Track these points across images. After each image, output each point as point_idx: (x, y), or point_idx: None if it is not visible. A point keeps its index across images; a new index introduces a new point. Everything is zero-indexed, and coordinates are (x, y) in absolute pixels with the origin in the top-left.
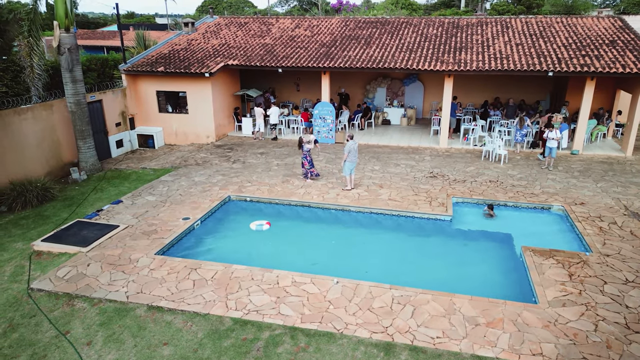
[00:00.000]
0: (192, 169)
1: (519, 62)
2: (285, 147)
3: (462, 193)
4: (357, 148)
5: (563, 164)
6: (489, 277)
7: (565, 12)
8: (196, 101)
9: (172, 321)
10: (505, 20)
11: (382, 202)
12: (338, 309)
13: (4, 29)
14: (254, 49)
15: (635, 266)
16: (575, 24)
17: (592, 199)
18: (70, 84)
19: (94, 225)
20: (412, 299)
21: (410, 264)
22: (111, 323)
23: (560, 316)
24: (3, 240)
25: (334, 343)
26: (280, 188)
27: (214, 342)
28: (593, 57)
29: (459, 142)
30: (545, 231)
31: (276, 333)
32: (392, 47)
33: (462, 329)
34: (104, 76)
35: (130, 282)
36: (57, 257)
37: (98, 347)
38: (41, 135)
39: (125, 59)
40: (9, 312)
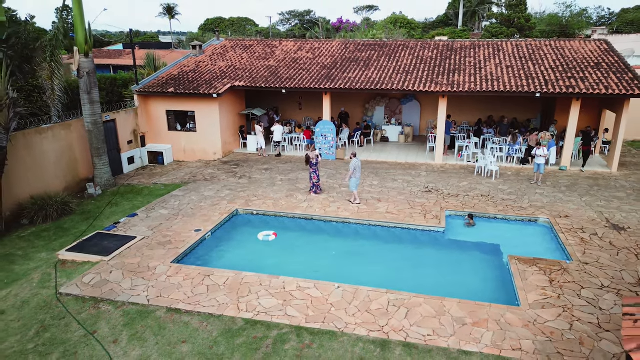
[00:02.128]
0: (201, 184)
1: (508, 83)
2: (288, 164)
3: (455, 206)
4: (360, 165)
5: (551, 180)
6: (477, 283)
7: (560, 31)
8: (204, 120)
9: (189, 322)
10: (497, 43)
11: (380, 215)
12: (339, 310)
13: (31, 55)
14: (259, 70)
15: (612, 273)
16: (563, 47)
17: (576, 212)
18: (88, 105)
19: (113, 236)
20: (406, 302)
21: (406, 271)
22: (134, 323)
23: (539, 317)
24: (28, 251)
25: (335, 340)
26: (285, 202)
27: (227, 340)
28: (578, 79)
29: (453, 158)
30: (531, 242)
31: (283, 332)
32: (390, 69)
33: (451, 328)
34: (112, 95)
35: (150, 287)
36: (81, 266)
37: (123, 345)
38: (60, 153)
39: (137, 80)
40: (40, 315)
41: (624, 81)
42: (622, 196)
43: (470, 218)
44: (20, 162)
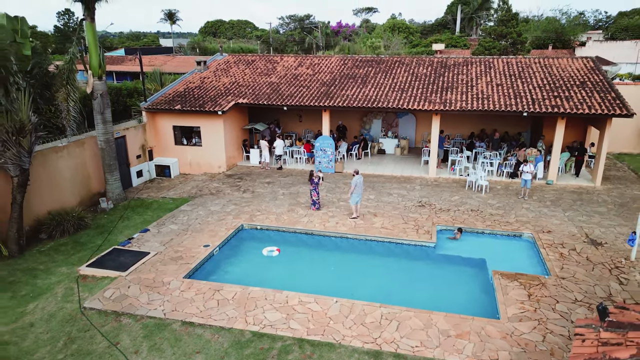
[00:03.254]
0: (208, 198)
1: (497, 102)
2: (289, 177)
3: (446, 221)
4: (362, 182)
5: (538, 194)
6: (463, 297)
7: (555, 37)
8: (209, 135)
9: (202, 334)
10: (489, 60)
11: (376, 230)
12: (337, 323)
13: (51, 82)
14: (261, 87)
15: (585, 288)
16: (551, 65)
17: (558, 227)
18: (101, 124)
19: (128, 252)
20: (397, 315)
21: (398, 285)
22: (153, 335)
23: (516, 329)
24: (49, 265)
25: (333, 351)
26: (287, 217)
27: (237, 351)
28: (564, 99)
29: (446, 171)
30: (515, 257)
31: (287, 343)
32: (386, 87)
33: (437, 339)
34: (117, 104)
35: (166, 302)
36: (101, 280)
37: (144, 355)
38: (74, 169)
39: (145, 97)
40: (66, 327)
41: (606, 100)
42: (603, 211)
43: (459, 232)
44: (38, 179)
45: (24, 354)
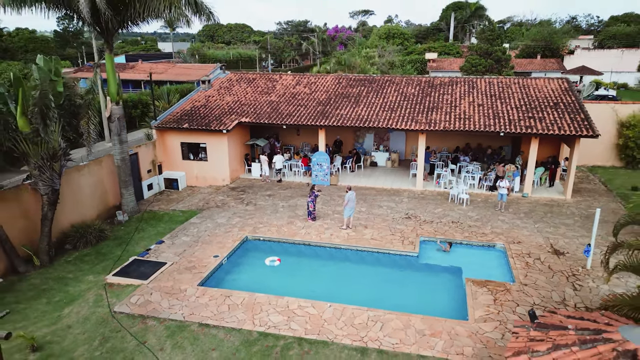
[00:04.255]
0: (214, 211)
1: (478, 122)
2: (288, 189)
3: (429, 233)
4: (355, 197)
5: (513, 206)
6: (439, 301)
7: (544, 45)
8: (214, 151)
9: (216, 334)
10: (472, 80)
11: (366, 241)
12: (330, 325)
13: (77, 111)
14: (262, 106)
15: (544, 293)
16: (528, 85)
17: (528, 238)
18: (118, 144)
19: (147, 262)
20: (381, 317)
21: (384, 290)
22: (175, 335)
23: (480, 329)
24: (77, 274)
25: (327, 348)
26: (286, 229)
27: (246, 348)
28: (537, 120)
29: (432, 184)
30: (487, 265)
31: (288, 341)
32: (377, 106)
33: (414, 338)
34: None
35: (184, 307)
36: (126, 288)
37: (168, 352)
38: (93, 185)
39: (156, 115)
40: (100, 329)
41: (575, 122)
42: (569, 223)
43: (449, 245)
44: (62, 195)
45: (66, 352)
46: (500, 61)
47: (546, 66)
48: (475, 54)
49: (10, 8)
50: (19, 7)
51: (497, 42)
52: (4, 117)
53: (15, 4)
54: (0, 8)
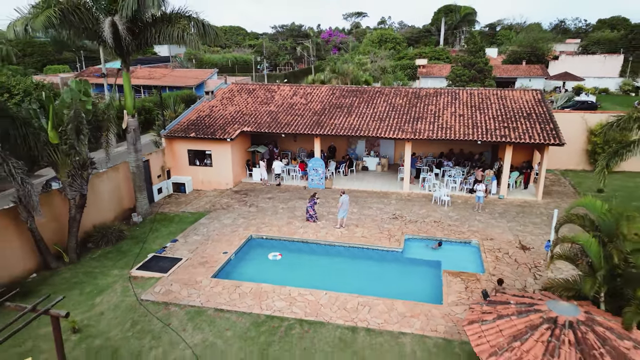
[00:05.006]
0: (220, 212)
1: (458, 132)
2: (287, 192)
3: (413, 231)
4: (348, 200)
5: (489, 207)
6: (419, 289)
7: (530, 51)
8: (219, 157)
9: (229, 317)
10: (455, 91)
11: (357, 239)
12: (326, 308)
13: (100, 125)
14: (262, 116)
15: (508, 282)
16: (505, 97)
17: (500, 235)
18: (133, 153)
19: (165, 258)
20: (369, 302)
21: (372, 281)
22: (194, 319)
23: (452, 311)
24: (102, 269)
25: (323, 327)
26: (286, 228)
27: (255, 328)
28: (511, 129)
29: (418, 187)
30: (462, 259)
31: (291, 322)
32: (367, 116)
33: (396, 318)
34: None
35: (201, 295)
36: (148, 280)
37: (190, 332)
38: (111, 190)
39: (164, 124)
40: (129, 314)
41: (545, 131)
42: (537, 222)
43: (439, 244)
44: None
45: (102, 333)
46: (483, 71)
47: (531, 72)
48: (459, 65)
49: (40, 32)
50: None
51: (479, 54)
52: (38, 132)
53: (48, 30)
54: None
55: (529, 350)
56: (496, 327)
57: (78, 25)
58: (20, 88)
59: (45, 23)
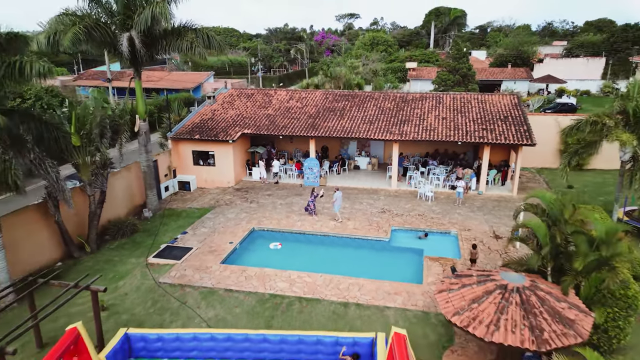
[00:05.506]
0: (224, 208)
1: (441, 134)
2: (284, 190)
3: (399, 223)
4: (342, 196)
5: (469, 202)
6: (403, 272)
7: (516, 54)
8: (221, 158)
9: (238, 296)
10: (439, 95)
11: (349, 230)
12: (322, 288)
13: (118, 128)
14: (261, 119)
15: (480, 265)
16: (485, 101)
17: (476, 226)
18: (144, 154)
19: (177, 248)
20: (359, 283)
21: (362, 265)
22: (207, 298)
23: (430, 289)
24: (121, 258)
25: (319, 304)
26: (285, 221)
27: (260, 305)
28: (489, 131)
29: (405, 184)
30: (442, 247)
31: (291, 300)
32: (358, 119)
33: (382, 296)
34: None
35: (212, 278)
36: (164, 266)
37: (204, 309)
38: (125, 188)
39: (170, 127)
40: (150, 295)
41: (519, 133)
42: (511, 215)
43: (425, 235)
44: None
45: (128, 310)
46: (466, 76)
47: (516, 75)
48: (444, 70)
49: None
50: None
51: (463, 60)
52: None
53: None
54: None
55: (484, 310)
56: (460, 294)
57: (99, 40)
58: (32, 93)
59: (73, 39)
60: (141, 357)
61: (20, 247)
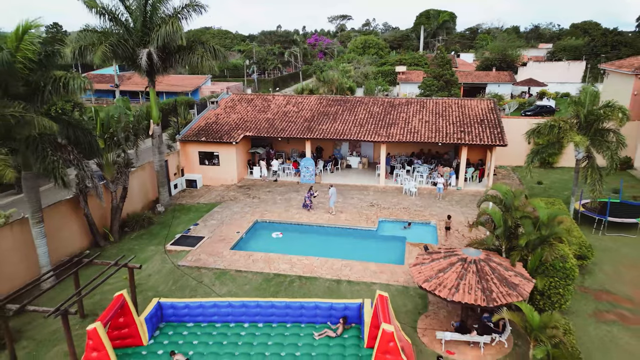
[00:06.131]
0: (230, 203)
1: (424, 135)
2: (283, 187)
3: (385, 215)
4: (336, 191)
5: (449, 197)
6: (388, 255)
7: (501, 57)
8: (225, 158)
9: (247, 276)
10: (423, 100)
11: (342, 221)
12: (318, 268)
13: (137, 133)
14: (261, 122)
15: None
16: (464, 105)
17: (454, 217)
18: (157, 155)
19: (191, 237)
20: (350, 264)
21: (353, 250)
22: (220, 277)
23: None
24: (141, 246)
25: (316, 281)
26: (285, 214)
27: (266, 283)
28: (466, 133)
29: (392, 181)
30: (422, 235)
31: (292, 278)
32: (350, 122)
33: (369, 274)
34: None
35: (223, 261)
36: (181, 252)
37: (218, 286)
38: (140, 185)
39: (179, 131)
40: (170, 275)
41: (493, 135)
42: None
43: (409, 225)
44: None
45: (152, 287)
46: (449, 82)
47: (500, 78)
48: (429, 76)
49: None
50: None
51: (446, 67)
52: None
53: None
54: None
55: (448, 277)
56: (430, 266)
57: (122, 55)
58: None
59: (102, 57)
60: (171, 321)
61: (56, 236)
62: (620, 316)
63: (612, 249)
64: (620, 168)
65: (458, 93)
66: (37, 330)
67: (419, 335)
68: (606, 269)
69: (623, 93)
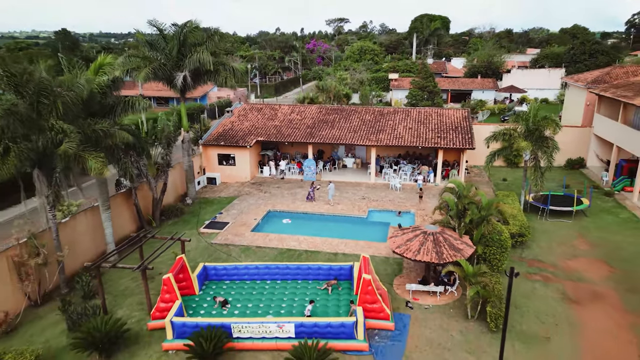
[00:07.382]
0: (246, 197)
1: (407, 140)
2: (289, 183)
3: (374, 206)
4: (334, 187)
5: (427, 191)
6: (374, 236)
7: (487, 65)
8: (240, 159)
9: (265, 250)
10: (408, 110)
11: (338, 211)
12: (320, 245)
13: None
14: (269, 129)
15: None
16: (443, 114)
17: (429, 207)
18: (186, 157)
19: (218, 222)
20: (345, 242)
21: (347, 232)
22: (245, 252)
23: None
24: (178, 230)
25: (319, 254)
26: (292, 206)
27: (281, 255)
28: (442, 138)
29: (381, 179)
30: (403, 221)
31: (300, 252)
32: (345, 129)
33: (360, 248)
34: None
35: (246, 240)
36: (212, 234)
37: (243, 258)
38: (172, 181)
39: (201, 136)
40: (206, 251)
41: (464, 139)
42: None
43: (399, 213)
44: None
45: (192, 260)
46: (433, 92)
47: (484, 85)
48: (415, 87)
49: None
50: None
51: (429, 80)
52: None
53: (145, 80)
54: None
55: (413, 244)
56: (401, 238)
57: (161, 77)
58: None
59: (145, 78)
60: (213, 280)
61: (114, 221)
62: (544, 277)
63: (550, 231)
64: (574, 167)
65: (440, 102)
66: (113, 288)
67: (395, 288)
68: (542, 245)
69: (579, 103)
